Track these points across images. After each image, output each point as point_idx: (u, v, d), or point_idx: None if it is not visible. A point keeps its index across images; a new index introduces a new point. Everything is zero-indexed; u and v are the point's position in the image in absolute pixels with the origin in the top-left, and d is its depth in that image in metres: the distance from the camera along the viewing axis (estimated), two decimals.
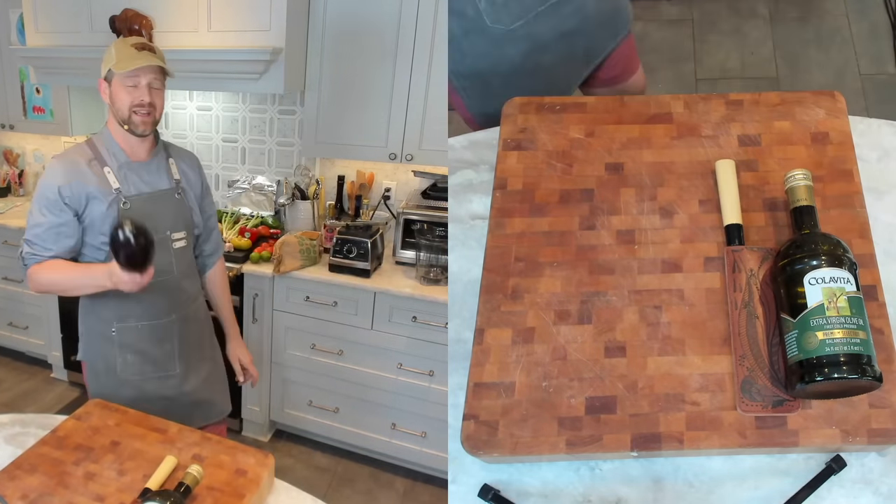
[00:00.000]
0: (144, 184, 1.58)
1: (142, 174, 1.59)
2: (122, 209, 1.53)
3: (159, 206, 1.60)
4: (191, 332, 1.70)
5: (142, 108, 1.50)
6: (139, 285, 1.38)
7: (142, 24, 2.53)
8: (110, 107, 1.54)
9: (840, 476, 0.92)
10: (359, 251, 2.47)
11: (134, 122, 1.51)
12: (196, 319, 1.73)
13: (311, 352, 2.58)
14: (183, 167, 1.67)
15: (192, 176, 1.69)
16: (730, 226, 1.06)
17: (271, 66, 2.42)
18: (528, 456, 0.93)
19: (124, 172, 1.56)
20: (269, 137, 2.97)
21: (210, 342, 1.80)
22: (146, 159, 1.60)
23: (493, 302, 1.04)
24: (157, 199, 1.60)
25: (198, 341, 1.74)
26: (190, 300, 1.70)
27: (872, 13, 3.33)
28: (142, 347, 1.62)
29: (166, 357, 1.65)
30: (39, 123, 3.18)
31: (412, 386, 2.48)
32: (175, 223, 1.62)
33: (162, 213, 1.59)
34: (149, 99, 1.50)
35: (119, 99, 1.51)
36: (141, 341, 1.61)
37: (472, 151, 1.32)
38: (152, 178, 1.60)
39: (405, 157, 2.52)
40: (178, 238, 1.62)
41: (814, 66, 3.17)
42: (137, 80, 1.48)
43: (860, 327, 0.89)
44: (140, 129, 1.52)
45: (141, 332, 1.61)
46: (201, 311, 1.77)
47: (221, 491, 1.15)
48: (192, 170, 1.70)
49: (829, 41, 3.26)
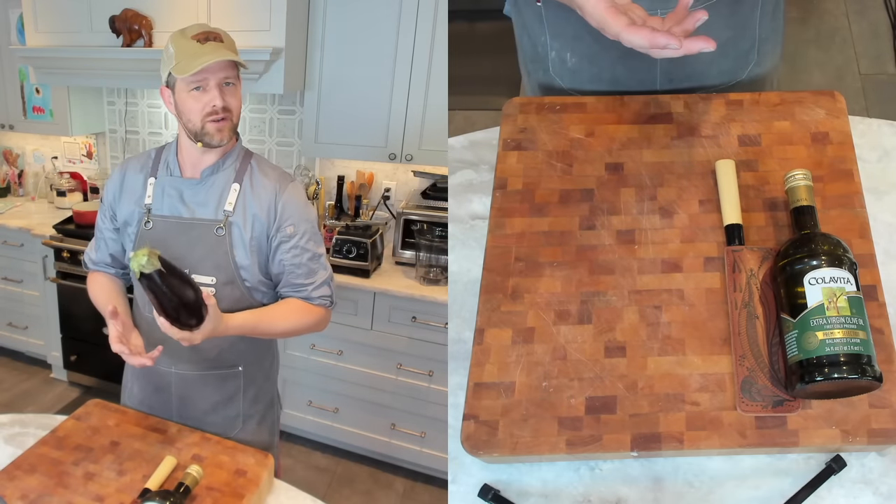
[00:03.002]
0: (184, 206, 1.32)
1: (186, 194, 1.32)
2: (143, 229, 1.33)
3: (187, 237, 1.31)
4: (202, 397, 1.41)
5: (215, 114, 1.23)
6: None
7: (142, 24, 2.54)
8: (178, 119, 1.28)
9: (840, 476, 0.92)
10: (358, 251, 2.47)
11: (208, 132, 1.24)
12: (218, 386, 1.41)
13: (310, 352, 2.58)
14: (249, 198, 1.31)
15: (258, 212, 1.31)
16: (730, 226, 1.06)
17: (271, 66, 2.42)
18: (528, 456, 0.93)
19: (163, 187, 1.33)
20: (269, 137, 2.97)
21: (245, 427, 1.46)
22: (199, 177, 1.32)
23: (493, 302, 1.04)
24: (188, 228, 1.31)
25: (215, 411, 1.43)
26: (206, 362, 1.39)
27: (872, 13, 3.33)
28: (142, 384, 1.44)
29: (163, 407, 1.42)
30: (39, 123, 3.18)
31: (412, 386, 2.49)
32: (201, 263, 1.31)
33: (185, 247, 1.30)
34: (222, 102, 1.23)
35: (187, 108, 1.24)
36: (141, 377, 1.44)
37: (472, 151, 1.32)
38: (196, 201, 1.32)
39: (405, 157, 2.52)
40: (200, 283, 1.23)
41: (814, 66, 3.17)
42: (206, 81, 1.22)
43: (860, 327, 0.89)
44: (217, 139, 1.25)
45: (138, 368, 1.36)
46: (237, 382, 1.43)
47: (221, 491, 1.15)
48: (260, 205, 1.31)
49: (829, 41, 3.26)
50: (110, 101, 3.25)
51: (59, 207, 3.25)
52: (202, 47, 1.20)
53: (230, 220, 1.31)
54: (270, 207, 1.32)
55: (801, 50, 3.22)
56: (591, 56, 1.26)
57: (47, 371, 3.24)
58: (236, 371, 1.43)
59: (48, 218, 3.08)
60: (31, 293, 3.10)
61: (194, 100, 1.23)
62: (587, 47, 1.25)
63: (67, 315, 2.99)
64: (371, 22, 2.43)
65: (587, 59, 1.27)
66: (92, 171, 3.40)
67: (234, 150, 1.34)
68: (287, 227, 1.32)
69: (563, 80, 1.32)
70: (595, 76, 1.28)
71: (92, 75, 2.75)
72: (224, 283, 1.32)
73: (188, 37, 1.22)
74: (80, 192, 3.32)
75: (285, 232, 1.32)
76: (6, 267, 3.11)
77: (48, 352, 3.17)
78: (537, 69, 1.36)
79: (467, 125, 1.70)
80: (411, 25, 2.38)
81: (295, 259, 1.34)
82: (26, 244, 3.00)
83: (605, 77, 1.28)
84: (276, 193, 1.32)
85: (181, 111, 1.26)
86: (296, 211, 1.34)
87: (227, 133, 1.26)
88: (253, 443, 1.34)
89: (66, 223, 2.97)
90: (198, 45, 1.20)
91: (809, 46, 3.23)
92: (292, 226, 1.33)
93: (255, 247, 1.32)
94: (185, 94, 1.23)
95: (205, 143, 1.27)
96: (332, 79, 2.55)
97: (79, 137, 3.34)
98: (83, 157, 3.43)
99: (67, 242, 2.87)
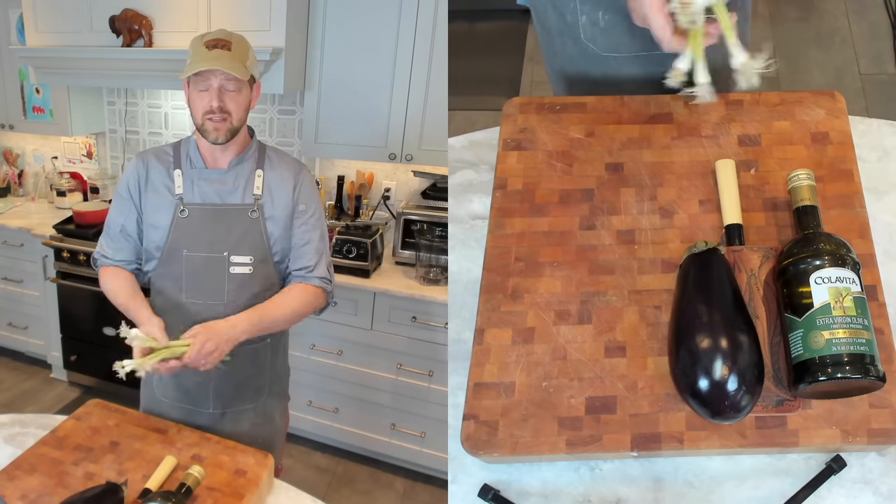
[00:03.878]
0: (215, 194, 1.43)
1: (215, 184, 1.43)
2: (178, 217, 1.41)
3: (224, 222, 1.42)
4: (239, 372, 1.48)
5: (213, 113, 1.35)
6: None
7: (142, 24, 2.54)
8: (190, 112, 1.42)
9: (840, 476, 0.92)
10: (358, 251, 2.47)
11: (206, 129, 1.37)
12: (253, 359, 1.49)
13: (310, 352, 2.58)
14: (272, 182, 1.45)
15: (280, 190, 1.45)
16: (730, 226, 1.06)
17: (271, 66, 2.42)
18: (528, 456, 0.93)
19: (192, 179, 1.43)
20: (269, 137, 2.97)
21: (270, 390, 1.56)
22: (226, 168, 1.44)
23: (493, 302, 1.04)
24: (224, 214, 1.42)
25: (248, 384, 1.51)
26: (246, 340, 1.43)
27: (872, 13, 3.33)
28: (184, 378, 1.47)
29: (200, 392, 1.49)
30: (39, 123, 3.18)
31: (412, 386, 2.48)
32: (238, 244, 1.41)
33: (224, 231, 1.41)
34: (217, 103, 1.34)
35: (193, 105, 1.38)
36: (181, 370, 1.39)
37: (472, 151, 1.32)
38: (226, 189, 1.43)
39: (405, 157, 2.52)
40: (239, 262, 1.41)
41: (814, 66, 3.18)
42: (208, 83, 1.34)
43: (865, 327, 0.89)
44: (212, 136, 1.37)
45: None
46: (267, 353, 1.52)
47: (221, 491, 1.15)
48: (282, 187, 1.45)
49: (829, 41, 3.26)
50: (110, 101, 3.25)
51: (59, 207, 3.25)
52: (208, 53, 1.33)
53: (260, 202, 1.43)
54: (292, 188, 1.46)
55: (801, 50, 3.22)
56: (623, 7, 1.27)
57: (47, 371, 3.24)
58: (266, 343, 1.51)
59: (48, 218, 3.08)
60: (31, 293, 3.10)
61: (199, 98, 1.36)
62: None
63: (67, 315, 2.99)
64: (371, 22, 2.43)
65: (621, 11, 1.27)
66: (92, 171, 3.40)
67: (253, 143, 1.48)
68: (300, 205, 1.47)
69: (597, 43, 1.31)
70: (629, 28, 1.27)
71: (92, 75, 2.75)
72: (259, 262, 1.44)
73: (201, 42, 1.35)
74: (80, 192, 3.32)
75: (299, 209, 1.47)
76: (6, 267, 3.11)
77: (48, 352, 3.17)
78: (566, 42, 1.35)
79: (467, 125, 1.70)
80: (411, 25, 2.38)
81: (306, 235, 1.47)
82: (26, 244, 3.00)
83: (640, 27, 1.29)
84: (295, 175, 1.48)
85: (190, 106, 1.39)
86: (309, 193, 1.49)
87: (224, 133, 1.38)
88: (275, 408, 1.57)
89: (66, 223, 2.97)
90: (206, 50, 1.34)
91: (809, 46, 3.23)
92: (304, 204, 1.47)
93: (285, 221, 1.45)
94: (194, 92, 1.37)
95: (204, 137, 1.39)
96: (332, 79, 2.55)
97: (79, 137, 3.34)
98: (83, 157, 3.43)
99: (67, 242, 2.87)
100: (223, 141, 1.38)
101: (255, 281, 1.43)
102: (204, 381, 1.47)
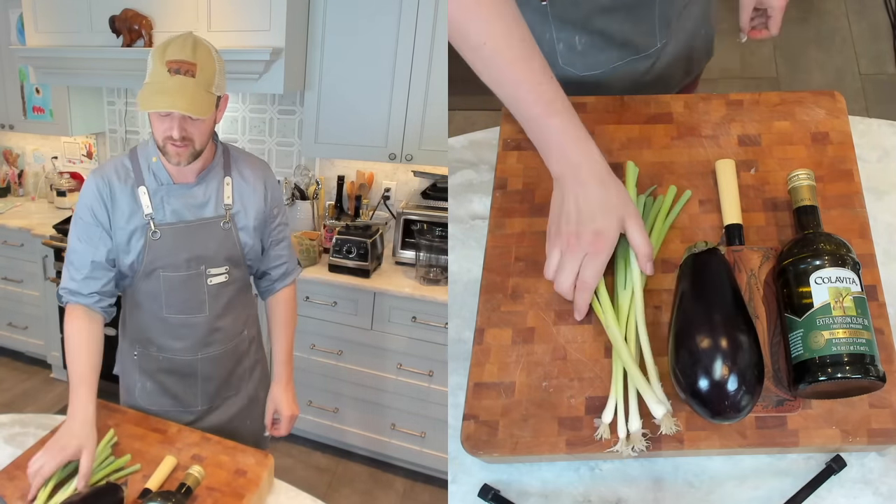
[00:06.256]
0: (186, 210, 1.36)
1: (184, 198, 1.35)
2: (150, 239, 1.33)
3: (199, 237, 1.37)
4: (222, 368, 1.50)
5: (174, 140, 1.24)
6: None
7: (142, 24, 2.54)
8: None
9: (840, 476, 0.92)
10: (358, 251, 2.47)
11: (168, 152, 1.26)
12: (233, 354, 1.52)
13: (310, 352, 2.58)
14: (241, 188, 1.40)
15: (252, 199, 1.42)
16: (730, 226, 1.06)
17: (271, 66, 2.42)
18: (528, 456, 0.93)
19: (161, 196, 1.34)
20: (269, 137, 2.97)
21: (251, 376, 1.58)
22: (193, 181, 1.36)
23: (493, 302, 1.04)
24: (198, 229, 1.37)
25: (231, 376, 1.53)
26: (227, 338, 1.49)
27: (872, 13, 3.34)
28: (161, 379, 1.47)
29: (188, 393, 1.49)
30: (39, 123, 3.18)
31: (411, 386, 2.48)
32: (215, 257, 1.39)
33: (200, 247, 1.37)
34: (178, 134, 1.22)
35: (153, 125, 1.26)
36: (160, 372, 1.46)
37: (472, 151, 1.32)
38: (197, 203, 1.36)
39: (405, 157, 2.52)
40: (216, 273, 1.40)
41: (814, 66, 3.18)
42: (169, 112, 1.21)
43: (865, 328, 0.89)
44: (174, 160, 1.27)
45: (161, 362, 1.45)
46: (245, 345, 1.54)
47: (221, 491, 1.15)
48: (253, 191, 1.42)
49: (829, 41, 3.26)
50: (110, 101, 3.25)
51: (59, 207, 3.25)
52: (169, 80, 1.19)
53: (231, 212, 1.40)
54: (263, 195, 1.45)
55: (801, 50, 3.22)
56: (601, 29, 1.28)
57: (47, 371, 3.24)
58: (242, 336, 1.54)
59: (48, 218, 3.08)
60: (31, 293, 3.10)
61: (159, 122, 1.24)
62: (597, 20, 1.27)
63: None
64: (371, 22, 2.43)
65: (597, 33, 1.28)
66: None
67: (218, 150, 1.41)
68: (274, 209, 1.49)
69: (576, 66, 1.32)
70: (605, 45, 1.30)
71: (92, 75, 2.75)
72: (234, 268, 1.44)
73: (164, 60, 1.20)
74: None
75: (273, 213, 1.48)
76: (6, 267, 3.11)
77: (48, 352, 3.17)
78: None
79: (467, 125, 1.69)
80: (411, 26, 2.38)
81: (280, 234, 1.52)
82: (26, 244, 3.00)
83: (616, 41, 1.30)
84: (264, 180, 1.46)
85: (150, 123, 1.28)
86: (279, 195, 1.51)
87: (187, 157, 1.27)
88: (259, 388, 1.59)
89: (66, 223, 2.97)
90: (167, 76, 1.19)
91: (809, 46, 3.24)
92: (277, 208, 1.50)
93: (257, 228, 1.45)
94: (153, 114, 1.24)
95: (166, 158, 1.29)
96: (332, 79, 2.55)
97: (79, 137, 3.34)
98: (83, 157, 3.43)
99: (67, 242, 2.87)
100: (185, 164, 1.29)
101: (231, 286, 1.45)
102: (191, 384, 1.48)
